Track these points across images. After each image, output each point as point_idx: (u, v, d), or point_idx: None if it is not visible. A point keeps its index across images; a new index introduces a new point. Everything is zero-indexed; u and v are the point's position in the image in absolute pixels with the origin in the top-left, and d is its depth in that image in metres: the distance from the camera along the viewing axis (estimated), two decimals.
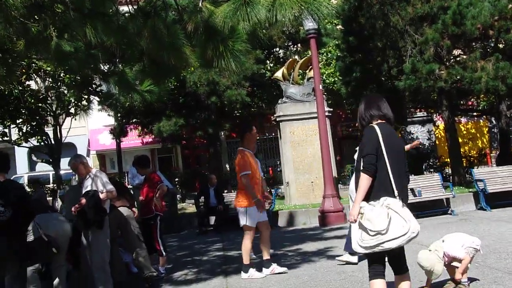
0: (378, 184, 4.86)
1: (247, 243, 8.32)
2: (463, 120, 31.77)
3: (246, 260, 8.27)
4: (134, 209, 9.28)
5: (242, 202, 8.31)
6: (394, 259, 4.99)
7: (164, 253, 9.31)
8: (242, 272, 8.29)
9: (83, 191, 7.52)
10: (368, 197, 4.85)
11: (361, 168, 4.87)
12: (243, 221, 8.32)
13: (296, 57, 23.41)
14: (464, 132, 32.49)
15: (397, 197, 4.81)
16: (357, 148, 5.14)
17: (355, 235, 4.83)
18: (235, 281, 8.23)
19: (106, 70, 8.71)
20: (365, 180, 4.84)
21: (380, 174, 4.86)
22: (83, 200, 7.29)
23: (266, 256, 8.50)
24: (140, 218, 9.22)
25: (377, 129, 4.98)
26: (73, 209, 7.46)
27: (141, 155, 10.37)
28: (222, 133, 28.37)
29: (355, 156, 5.13)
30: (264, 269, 8.42)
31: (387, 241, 4.65)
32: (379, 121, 5.09)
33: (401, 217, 4.68)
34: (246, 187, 8.21)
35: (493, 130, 33.20)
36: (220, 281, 8.45)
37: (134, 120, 25.64)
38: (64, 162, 22.92)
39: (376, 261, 4.91)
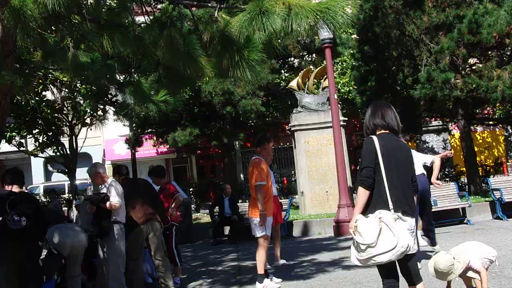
0: (376, 197, 4.86)
1: (262, 253, 8.29)
2: (479, 129, 31.57)
3: (260, 270, 8.24)
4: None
5: (257, 212, 8.28)
6: (404, 270, 4.96)
7: (179, 263, 9.32)
8: (257, 282, 8.25)
9: None
10: (366, 210, 4.87)
11: (359, 180, 4.90)
12: (258, 231, 8.30)
13: (311, 66, 23.38)
14: (480, 141, 32.27)
15: (392, 210, 4.76)
16: (360, 160, 5.16)
17: (353, 247, 4.85)
18: None
19: (122, 81, 8.75)
20: (361, 193, 4.87)
21: (378, 187, 4.85)
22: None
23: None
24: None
25: (375, 141, 4.95)
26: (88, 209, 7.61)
27: (157, 165, 10.42)
28: (237, 143, 28.38)
29: (358, 168, 5.13)
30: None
31: (377, 255, 4.64)
32: (382, 131, 5.05)
33: (391, 230, 4.64)
34: (258, 198, 8.19)
35: (509, 138, 32.99)
36: None
37: (149, 130, 25.72)
38: (80, 172, 23.09)
39: (386, 274, 4.90)
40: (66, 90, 21.02)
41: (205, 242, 15.33)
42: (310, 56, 26.64)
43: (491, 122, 26.59)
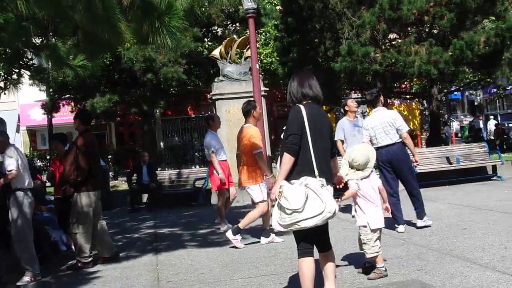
0: (300, 164, 4.91)
1: (256, 215, 8.49)
2: (396, 102, 32.47)
3: (243, 225, 8.42)
4: None
5: (257, 179, 8.43)
6: (318, 237, 5.05)
7: None
8: (229, 231, 8.45)
9: None
10: (289, 176, 4.92)
11: (285, 147, 4.93)
12: (259, 196, 8.46)
13: (234, 36, 23.33)
14: None
15: (317, 177, 4.87)
16: (285, 128, 5.20)
17: (275, 213, 4.90)
18: (165, 258, 8.23)
19: (38, 44, 8.48)
20: (287, 159, 4.89)
21: (302, 154, 4.91)
22: None
23: (266, 227, 8.69)
24: (60, 195, 9.06)
25: (303, 110, 5.01)
26: None
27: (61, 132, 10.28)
28: (157, 111, 28.09)
29: (283, 136, 5.19)
30: (263, 238, 8.63)
31: (303, 220, 4.72)
32: (309, 101, 5.12)
33: (318, 196, 4.75)
34: (261, 165, 8.33)
35: (424, 112, 34.09)
36: (150, 258, 8.42)
37: (67, 95, 25.06)
38: None
39: (303, 239, 4.97)
40: None
41: (123, 210, 15.18)
42: (233, 25, 26.54)
43: (408, 96, 27.36)
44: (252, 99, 10.51)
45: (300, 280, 4.97)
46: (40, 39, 8.52)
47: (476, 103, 53.35)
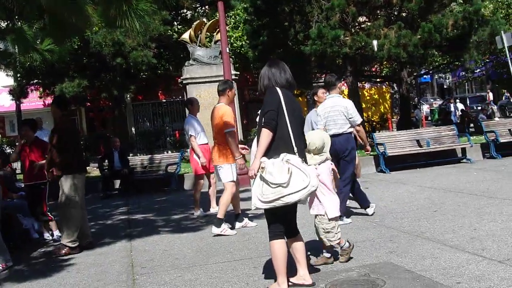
0: (278, 141, 4.93)
1: (227, 198, 8.25)
2: (367, 85, 32.68)
3: (221, 214, 8.14)
4: None
5: (228, 159, 8.26)
6: (288, 221, 5.08)
7: (54, 218, 9.12)
8: (213, 226, 8.18)
9: None
10: (267, 153, 4.92)
11: (263, 123, 4.93)
12: (229, 177, 8.28)
13: (204, 19, 23.16)
14: (368, 97, 33.42)
15: (296, 154, 4.92)
16: (259, 112, 5.19)
17: (256, 190, 4.87)
18: (139, 244, 8.18)
19: (3, 28, 8.31)
20: (266, 135, 4.90)
21: (280, 131, 4.94)
22: None
23: (238, 211, 8.62)
24: (30, 182, 8.95)
25: (279, 91, 5.08)
26: None
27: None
28: (128, 96, 27.86)
29: (258, 119, 5.18)
30: (237, 223, 8.52)
31: (288, 194, 4.75)
32: (284, 88, 5.16)
33: (302, 171, 4.80)
34: (231, 144, 8.14)
35: (394, 96, 34.35)
36: (124, 244, 8.37)
37: (35, 80, 24.71)
38: None
39: (275, 221, 4.99)
40: None
41: (95, 196, 15.04)
42: (203, 8, 26.39)
43: (378, 79, 27.53)
44: (229, 79, 10.32)
45: (273, 261, 5.00)
46: (6, 23, 8.34)
47: (445, 86, 53.95)
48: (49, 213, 9.02)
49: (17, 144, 9.46)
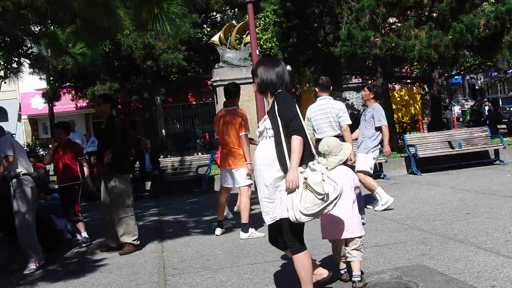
0: (304, 148, 4.63)
1: (246, 201, 8.26)
2: (397, 87, 32.39)
3: (246, 219, 8.14)
4: None
5: (243, 162, 8.27)
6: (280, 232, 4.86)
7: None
8: (241, 232, 8.20)
9: None
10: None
11: (291, 131, 4.57)
12: (246, 180, 8.30)
13: (234, 21, 23.21)
14: (398, 98, 33.14)
15: (317, 160, 4.76)
16: (266, 117, 4.88)
17: (296, 202, 4.52)
18: (170, 245, 8.23)
19: (37, 32, 8.43)
20: (300, 143, 4.56)
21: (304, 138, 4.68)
22: None
23: (222, 217, 8.69)
24: (64, 184, 9.05)
25: (289, 94, 4.88)
26: None
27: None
28: (158, 98, 28.07)
29: (265, 125, 4.84)
30: (218, 229, 8.55)
31: (328, 205, 4.55)
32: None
33: (331, 179, 4.63)
34: (246, 148, 8.19)
35: (425, 97, 34.02)
36: (155, 245, 8.43)
37: (68, 83, 25.03)
38: None
39: (299, 232, 4.78)
40: None
41: None
42: (232, 11, 26.45)
43: (408, 81, 27.30)
44: (234, 82, 10.16)
45: (302, 273, 4.76)
46: (39, 27, 8.46)
47: (477, 87, 53.25)
48: (80, 214, 9.11)
49: (50, 146, 9.57)
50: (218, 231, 8.54)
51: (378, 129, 9.04)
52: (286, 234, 4.75)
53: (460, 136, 15.16)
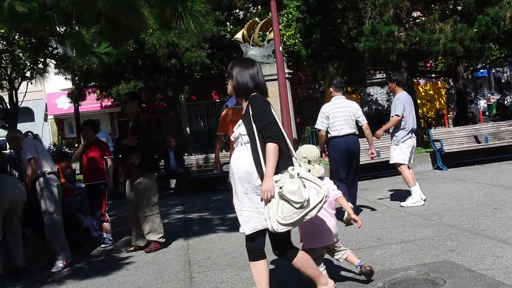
0: (281, 154, 4.45)
1: None
2: (422, 81, 32.15)
3: None
4: None
5: None
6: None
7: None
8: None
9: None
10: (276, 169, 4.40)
11: (266, 138, 4.37)
12: None
13: (257, 18, 23.22)
14: (423, 93, 32.89)
15: (299, 165, 4.58)
16: (240, 122, 4.63)
17: (273, 212, 4.33)
18: (196, 243, 8.27)
19: (62, 32, 8.50)
20: (275, 150, 4.35)
21: (281, 143, 4.48)
22: None
23: None
24: (90, 182, 9.11)
25: (263, 98, 4.66)
26: None
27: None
28: (182, 96, 28.17)
29: (239, 131, 4.59)
30: None
31: (309, 211, 4.36)
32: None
33: (314, 182, 4.42)
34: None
35: (450, 91, 33.70)
36: (181, 243, 8.47)
37: (92, 83, 25.25)
38: (21, 127, 22.55)
39: (289, 236, 4.63)
40: (4, 42, 20.32)
41: None
42: (255, 8, 26.44)
43: (433, 75, 27.06)
44: None
45: (308, 271, 4.72)
46: (64, 28, 8.54)
47: (503, 81, 52.60)
48: (107, 214, 9.16)
49: (76, 145, 9.66)
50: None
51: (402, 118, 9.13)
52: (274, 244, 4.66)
53: (486, 130, 14.97)
